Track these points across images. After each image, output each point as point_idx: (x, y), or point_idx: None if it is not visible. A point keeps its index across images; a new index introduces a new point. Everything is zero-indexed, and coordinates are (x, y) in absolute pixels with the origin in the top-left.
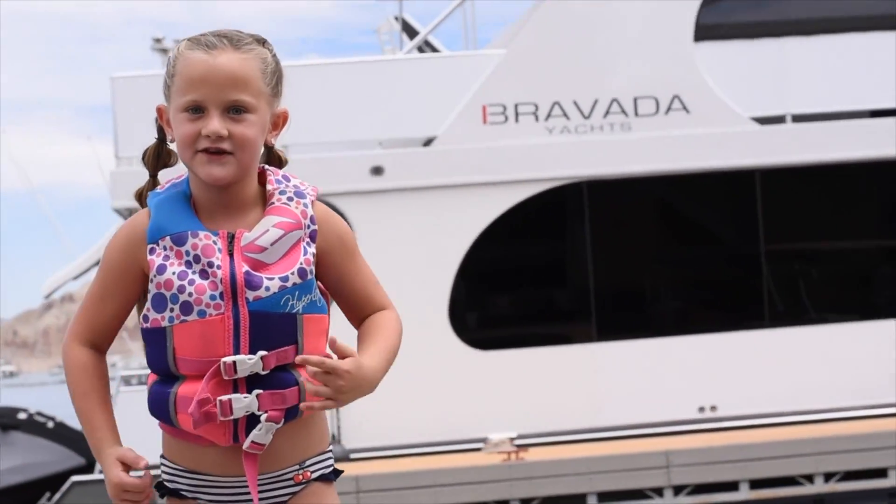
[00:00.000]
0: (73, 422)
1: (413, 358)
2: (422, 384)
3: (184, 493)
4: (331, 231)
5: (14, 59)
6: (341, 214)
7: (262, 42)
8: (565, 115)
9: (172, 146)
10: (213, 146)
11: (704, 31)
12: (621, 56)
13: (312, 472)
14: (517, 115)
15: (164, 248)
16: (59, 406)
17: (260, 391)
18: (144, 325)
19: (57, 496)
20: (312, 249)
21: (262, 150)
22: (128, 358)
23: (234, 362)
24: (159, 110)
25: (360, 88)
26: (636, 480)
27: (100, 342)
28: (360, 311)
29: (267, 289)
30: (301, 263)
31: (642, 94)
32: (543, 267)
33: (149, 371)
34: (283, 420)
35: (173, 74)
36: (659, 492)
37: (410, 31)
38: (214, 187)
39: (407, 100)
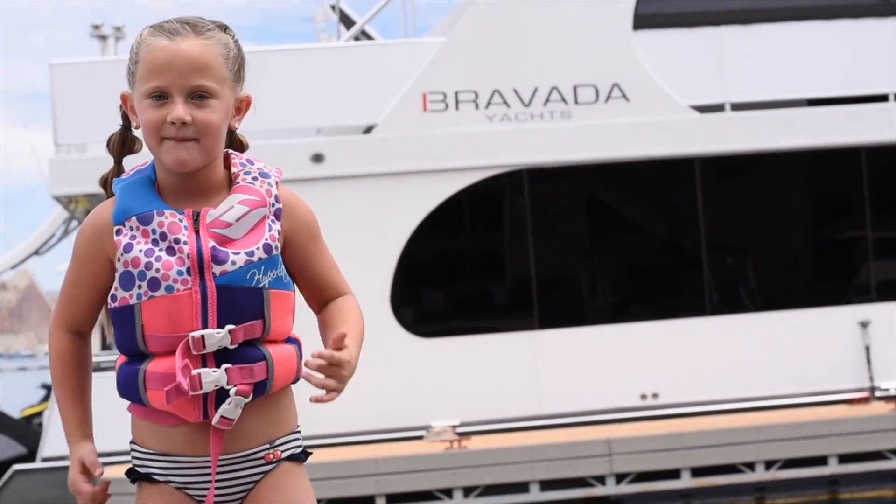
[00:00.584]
0: (13, 410)
1: None
2: (364, 372)
3: (155, 476)
4: (295, 213)
5: None
6: None
7: (224, 28)
8: (505, 102)
9: (137, 133)
10: (177, 133)
11: (643, 20)
12: (561, 44)
13: (283, 452)
14: (457, 102)
15: (131, 229)
16: None
17: (228, 365)
18: (112, 305)
19: None
20: (277, 227)
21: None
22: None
23: (203, 336)
24: (123, 97)
25: (300, 76)
26: (578, 468)
27: (80, 327)
28: (320, 295)
29: (233, 263)
30: (266, 239)
31: (582, 83)
32: (485, 255)
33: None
34: (251, 395)
35: (137, 61)
36: (601, 480)
37: (347, 21)
38: (180, 173)
39: (347, 87)
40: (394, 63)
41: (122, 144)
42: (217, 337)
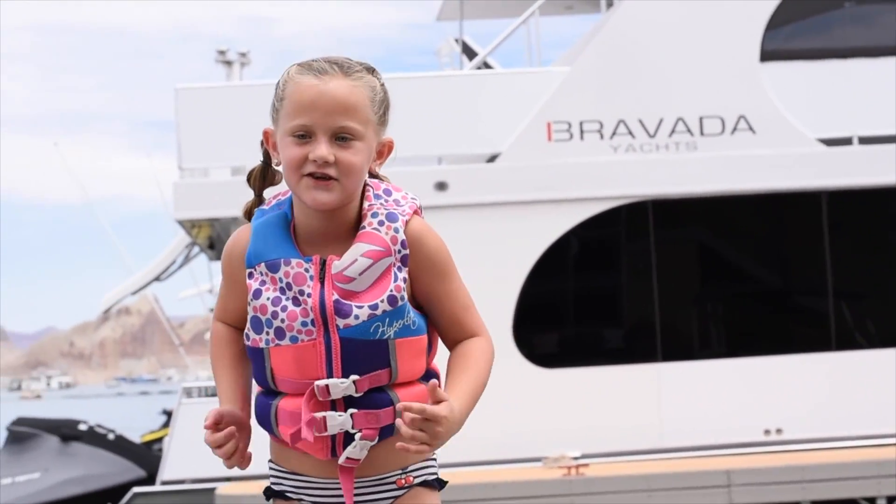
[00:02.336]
0: (133, 435)
1: None
2: (485, 401)
3: (288, 494)
4: (421, 253)
5: (62, 72)
6: None
7: (372, 71)
8: (630, 133)
9: (278, 168)
10: (319, 171)
11: (771, 52)
12: (687, 75)
13: (415, 477)
14: (582, 132)
15: (261, 274)
16: (116, 419)
17: (354, 410)
18: (246, 343)
19: None
20: (403, 274)
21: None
22: (183, 372)
23: (328, 385)
24: (265, 133)
25: (425, 104)
26: (696, 498)
27: (235, 323)
28: (449, 336)
29: (356, 317)
30: (391, 290)
31: (708, 114)
32: (608, 285)
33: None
34: (377, 438)
35: (282, 98)
36: None
37: (470, 54)
38: (317, 212)
39: (471, 116)
40: (519, 92)
41: (263, 179)
42: (341, 386)
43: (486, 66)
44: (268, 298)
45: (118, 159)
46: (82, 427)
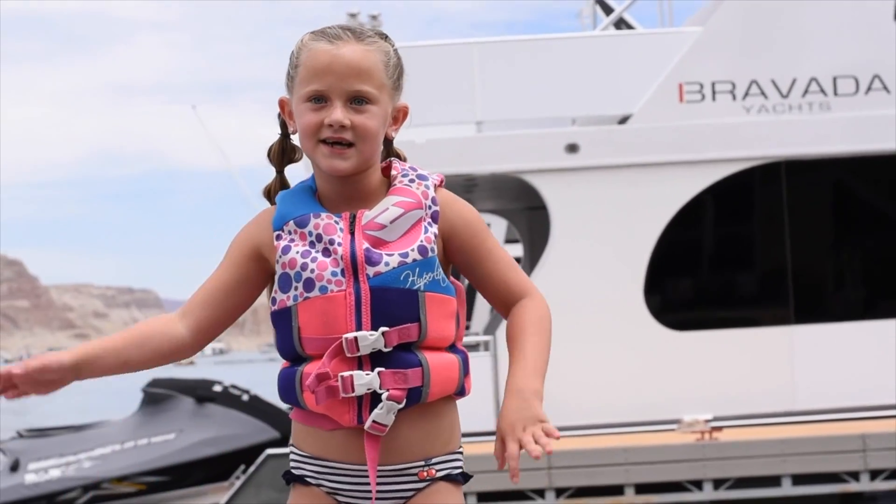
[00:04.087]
0: (270, 395)
1: (608, 338)
2: (617, 364)
3: (308, 479)
4: (455, 213)
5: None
6: (536, 192)
7: (385, 37)
8: (763, 94)
9: (295, 140)
10: (335, 136)
11: None
12: (821, 34)
13: (438, 471)
14: (714, 93)
15: (289, 233)
16: (268, 383)
17: (382, 369)
18: (273, 309)
19: (251, 469)
20: (434, 229)
21: (382, 143)
22: None
23: (356, 338)
24: (281, 103)
25: (556, 65)
26: (831, 464)
27: (188, 309)
28: (498, 297)
29: (387, 264)
30: (422, 241)
31: (842, 74)
32: (740, 247)
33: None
34: (404, 400)
35: (297, 65)
36: (855, 476)
37: (608, 10)
38: (337, 178)
39: (602, 77)
40: (650, 53)
41: (283, 154)
42: (370, 339)
43: (623, 22)
44: (297, 252)
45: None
46: (217, 388)
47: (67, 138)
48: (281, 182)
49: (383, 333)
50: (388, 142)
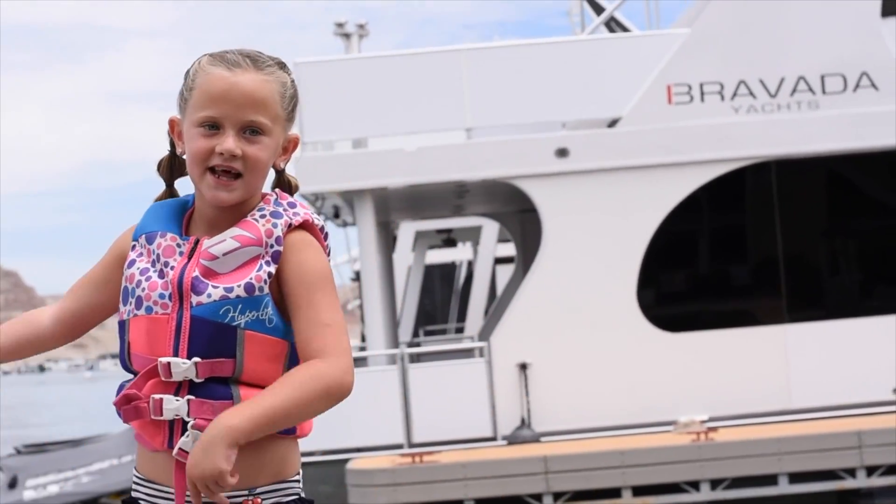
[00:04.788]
0: None
1: (602, 340)
2: (611, 366)
3: (142, 501)
4: (294, 257)
5: (211, 47)
6: (526, 196)
7: (282, 66)
8: (752, 93)
9: (184, 157)
10: (224, 164)
11: (892, 7)
12: (808, 33)
13: (263, 499)
14: (703, 94)
15: (141, 246)
16: None
17: (192, 398)
18: (118, 319)
19: None
20: (270, 269)
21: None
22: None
23: (169, 363)
24: (171, 122)
25: (544, 70)
26: (828, 461)
27: (62, 302)
28: (301, 353)
29: (209, 295)
30: (251, 279)
31: (830, 72)
32: (732, 248)
33: None
34: None
35: (192, 88)
36: (851, 472)
37: (598, 9)
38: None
39: (591, 80)
40: (638, 55)
41: (171, 169)
42: (183, 367)
43: (615, 21)
44: (138, 268)
45: None
46: None
47: (61, 147)
48: (170, 195)
49: (195, 364)
50: (278, 172)
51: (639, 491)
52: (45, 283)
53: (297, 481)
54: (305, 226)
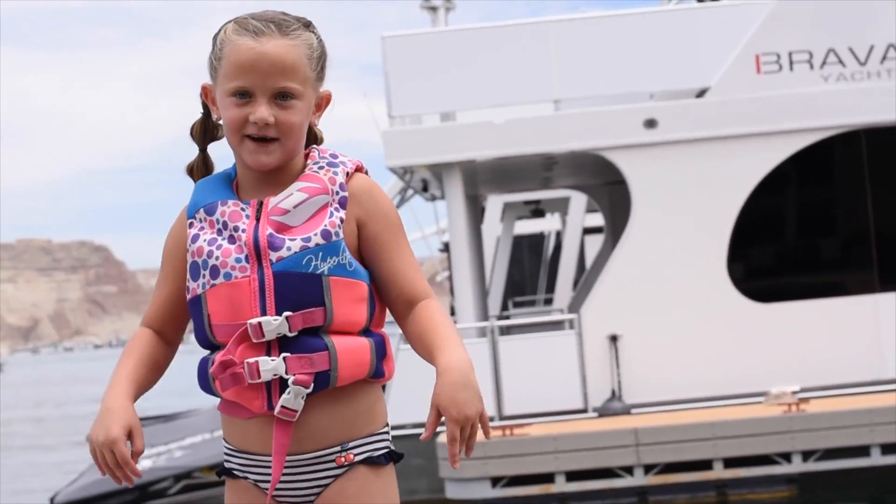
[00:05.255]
0: None
1: (692, 312)
2: (701, 338)
3: (236, 472)
4: (367, 201)
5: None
6: (614, 168)
7: (308, 25)
8: (841, 62)
9: (219, 122)
10: (259, 133)
11: None
12: None
13: (356, 455)
14: (791, 63)
15: (200, 220)
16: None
17: (288, 354)
18: (188, 298)
19: None
20: (340, 214)
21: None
22: None
23: (260, 323)
24: (204, 89)
25: (631, 41)
26: None
27: (159, 326)
28: (405, 297)
29: (289, 248)
30: (326, 225)
31: None
32: (822, 218)
33: None
34: (311, 385)
35: (220, 58)
36: None
37: None
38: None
39: (679, 51)
40: (726, 25)
41: (205, 132)
42: (274, 324)
43: None
44: (204, 240)
45: (347, 105)
46: None
47: (147, 124)
48: (203, 160)
49: (287, 318)
50: (311, 132)
51: (730, 463)
52: (134, 258)
53: (387, 433)
54: (360, 170)
